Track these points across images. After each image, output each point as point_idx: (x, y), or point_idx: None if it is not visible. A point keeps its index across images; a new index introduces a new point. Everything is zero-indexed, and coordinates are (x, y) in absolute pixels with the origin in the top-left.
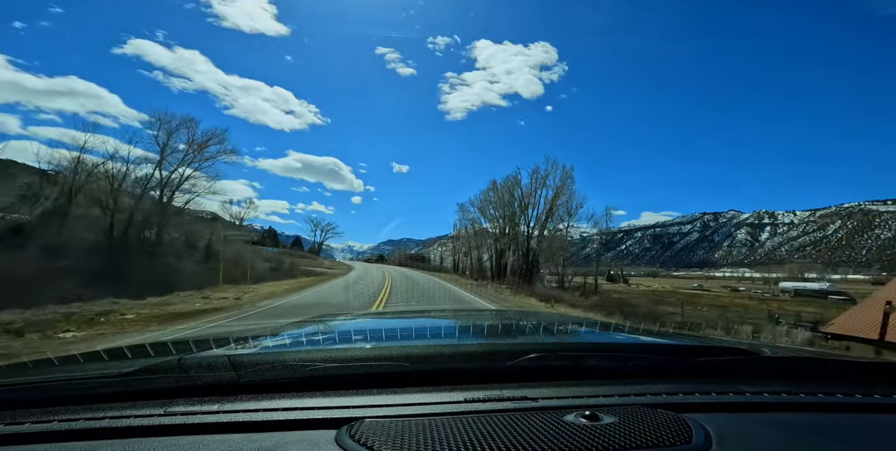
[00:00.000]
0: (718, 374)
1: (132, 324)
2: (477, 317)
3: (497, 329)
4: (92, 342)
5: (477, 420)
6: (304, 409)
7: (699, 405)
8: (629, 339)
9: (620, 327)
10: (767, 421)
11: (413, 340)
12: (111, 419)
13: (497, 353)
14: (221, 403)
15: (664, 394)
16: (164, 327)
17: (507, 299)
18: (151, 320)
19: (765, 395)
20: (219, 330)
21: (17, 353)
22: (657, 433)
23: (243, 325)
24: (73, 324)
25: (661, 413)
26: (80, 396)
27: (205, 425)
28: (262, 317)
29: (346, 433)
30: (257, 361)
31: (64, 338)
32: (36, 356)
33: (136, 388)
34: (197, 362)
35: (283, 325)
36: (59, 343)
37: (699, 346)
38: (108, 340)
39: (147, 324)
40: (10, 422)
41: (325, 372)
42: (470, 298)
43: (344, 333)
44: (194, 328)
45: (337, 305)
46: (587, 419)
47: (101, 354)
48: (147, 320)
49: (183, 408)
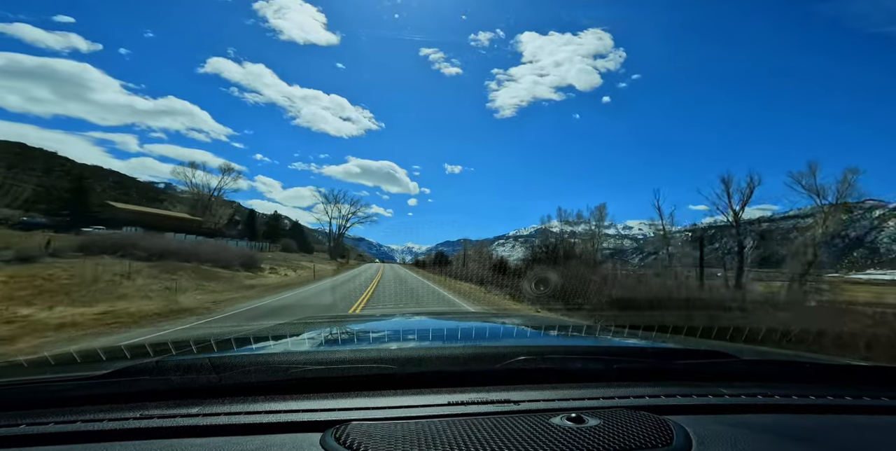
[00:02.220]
0: (698, 377)
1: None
2: (464, 319)
3: (484, 332)
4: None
5: (463, 423)
6: (289, 412)
7: (680, 408)
8: (614, 342)
9: (606, 330)
10: (745, 423)
11: (400, 342)
12: (83, 422)
13: (484, 356)
14: (202, 406)
15: (647, 397)
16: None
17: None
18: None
19: (742, 397)
20: (199, 332)
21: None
22: (639, 436)
23: (226, 326)
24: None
25: (643, 416)
26: (49, 399)
27: (183, 428)
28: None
29: (331, 435)
30: (240, 362)
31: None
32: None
33: (110, 391)
34: (176, 365)
35: (267, 327)
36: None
37: (681, 349)
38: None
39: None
40: None
41: (311, 374)
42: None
43: (330, 334)
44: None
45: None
46: (572, 421)
47: (73, 356)
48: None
49: (161, 411)
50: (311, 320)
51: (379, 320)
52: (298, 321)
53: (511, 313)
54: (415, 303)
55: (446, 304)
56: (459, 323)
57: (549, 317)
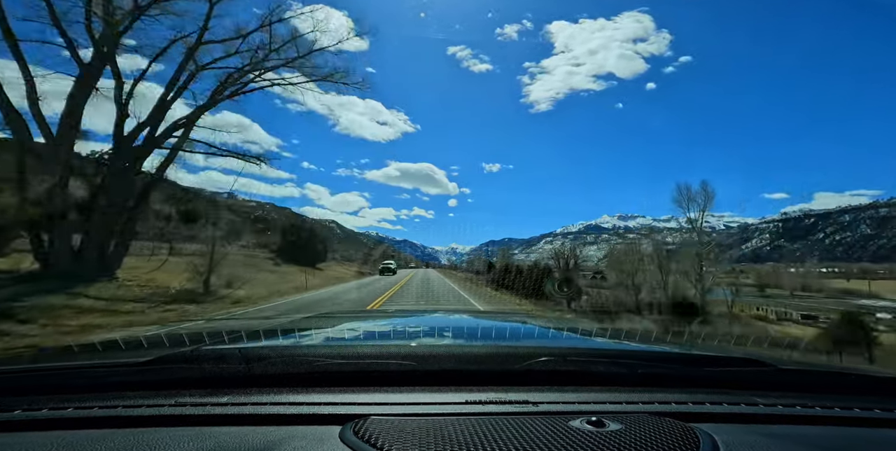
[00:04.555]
0: (729, 384)
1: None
2: (485, 318)
3: (505, 332)
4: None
5: (481, 422)
6: (311, 404)
7: (708, 415)
8: (639, 347)
9: (631, 335)
10: (780, 434)
11: (421, 339)
12: (124, 407)
13: (504, 355)
14: (231, 395)
15: (673, 403)
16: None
17: None
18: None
19: (779, 407)
20: (232, 323)
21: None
22: (663, 442)
23: (257, 319)
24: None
25: (667, 422)
26: (95, 384)
27: (212, 416)
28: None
29: (350, 429)
30: (267, 354)
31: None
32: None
33: (150, 378)
34: (209, 354)
35: (294, 320)
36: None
37: (710, 356)
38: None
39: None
40: (27, 408)
41: (333, 368)
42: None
43: (353, 330)
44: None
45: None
46: (592, 425)
47: (118, 343)
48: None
49: (194, 399)
50: (335, 315)
51: (400, 316)
52: (323, 316)
53: (533, 314)
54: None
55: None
56: (480, 322)
57: (573, 319)
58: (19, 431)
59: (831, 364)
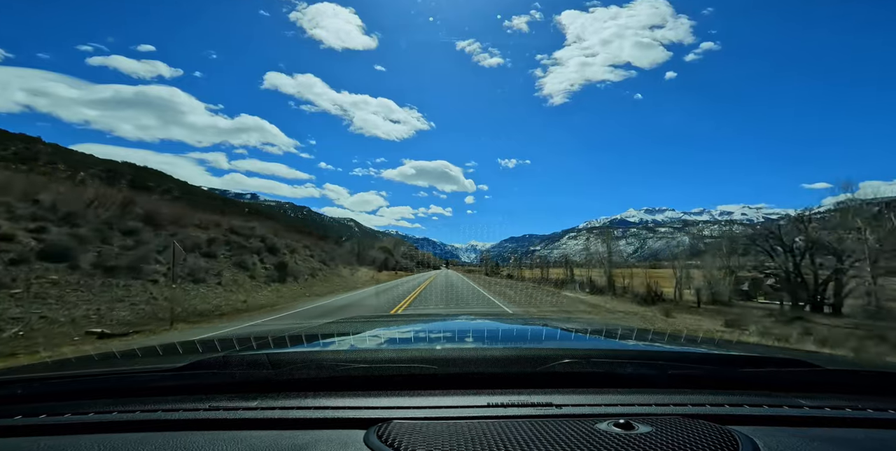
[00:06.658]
0: (770, 386)
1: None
2: (506, 321)
3: (526, 334)
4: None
5: (505, 425)
6: (335, 408)
7: (748, 418)
8: (668, 348)
9: (659, 336)
10: (827, 437)
11: (442, 342)
12: (163, 411)
13: (525, 358)
14: (260, 399)
15: (707, 405)
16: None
17: None
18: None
19: (826, 410)
20: (259, 328)
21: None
22: (697, 445)
23: (282, 325)
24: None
25: (702, 424)
26: (135, 388)
27: (244, 420)
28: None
29: (374, 433)
30: (293, 359)
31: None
32: (102, 351)
33: (185, 383)
34: (239, 360)
35: (318, 325)
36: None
37: (747, 356)
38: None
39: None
40: (76, 412)
41: (356, 372)
42: None
43: (374, 334)
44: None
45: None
46: (620, 427)
47: (156, 349)
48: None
49: (226, 403)
50: (358, 319)
51: (422, 320)
52: (346, 321)
53: (554, 316)
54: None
55: None
56: (501, 325)
57: (595, 319)
58: (71, 434)
59: (885, 363)
